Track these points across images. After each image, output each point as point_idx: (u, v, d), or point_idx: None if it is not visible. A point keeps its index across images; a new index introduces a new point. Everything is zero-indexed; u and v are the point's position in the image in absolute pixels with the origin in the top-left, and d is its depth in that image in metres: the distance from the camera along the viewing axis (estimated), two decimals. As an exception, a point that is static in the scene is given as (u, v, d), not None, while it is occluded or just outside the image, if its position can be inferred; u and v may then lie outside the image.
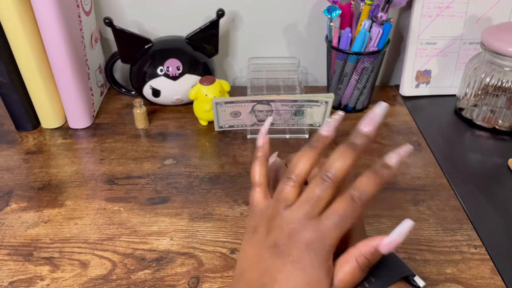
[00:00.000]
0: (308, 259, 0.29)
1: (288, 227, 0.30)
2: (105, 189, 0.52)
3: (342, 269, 0.29)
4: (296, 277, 0.29)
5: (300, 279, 0.29)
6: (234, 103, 0.56)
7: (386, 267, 0.31)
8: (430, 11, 0.64)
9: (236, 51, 0.72)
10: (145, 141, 0.60)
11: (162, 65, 0.62)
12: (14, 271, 0.42)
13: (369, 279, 0.30)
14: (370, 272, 0.31)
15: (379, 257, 0.29)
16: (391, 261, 0.32)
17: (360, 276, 0.29)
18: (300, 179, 0.31)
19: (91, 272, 0.42)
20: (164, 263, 0.42)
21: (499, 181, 0.53)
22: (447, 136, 0.61)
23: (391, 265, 0.32)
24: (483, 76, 0.59)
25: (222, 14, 0.62)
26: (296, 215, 0.30)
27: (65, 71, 0.57)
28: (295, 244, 0.29)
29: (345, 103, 0.65)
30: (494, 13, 0.64)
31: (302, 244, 0.29)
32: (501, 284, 0.40)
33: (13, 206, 0.49)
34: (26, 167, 0.55)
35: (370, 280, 0.30)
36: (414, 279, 0.32)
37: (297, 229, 0.30)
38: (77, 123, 0.62)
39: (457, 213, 0.48)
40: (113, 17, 0.59)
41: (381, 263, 0.31)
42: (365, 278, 0.30)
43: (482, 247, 0.44)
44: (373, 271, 0.31)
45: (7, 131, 0.62)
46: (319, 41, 0.68)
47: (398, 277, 0.31)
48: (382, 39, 0.58)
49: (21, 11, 0.52)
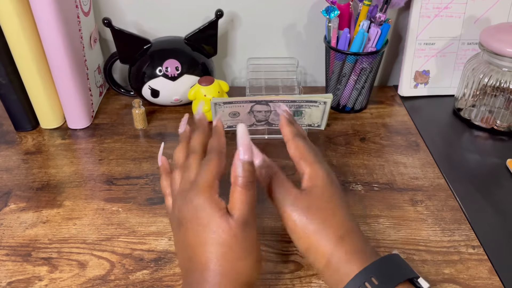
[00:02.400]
0: (196, 210, 0.32)
1: (178, 199, 0.35)
2: (104, 189, 0.52)
3: (233, 200, 0.33)
4: (194, 229, 0.32)
5: (198, 227, 0.32)
6: (232, 103, 0.56)
7: (390, 269, 0.31)
8: (428, 11, 0.64)
9: (235, 51, 0.73)
10: (144, 141, 0.60)
11: (161, 66, 0.62)
12: (13, 272, 0.42)
13: (371, 282, 0.30)
14: (373, 273, 0.31)
15: (252, 167, 0.33)
16: (395, 263, 0.32)
17: (250, 195, 0.33)
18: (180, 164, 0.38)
19: (89, 273, 0.42)
20: (162, 263, 0.42)
21: (497, 181, 0.53)
22: (445, 137, 0.61)
23: (395, 267, 0.32)
24: (482, 77, 0.59)
25: (221, 14, 0.62)
26: (181, 189, 0.35)
27: (64, 71, 0.57)
28: (184, 207, 0.33)
29: (344, 104, 0.65)
30: (492, 13, 0.64)
31: (188, 203, 0.33)
32: (499, 284, 0.40)
33: (11, 207, 0.49)
34: (25, 168, 0.55)
35: (373, 282, 0.30)
36: (418, 281, 0.32)
37: (182, 195, 0.34)
38: (76, 123, 0.62)
39: (455, 214, 0.48)
40: (112, 18, 0.59)
41: (385, 265, 0.32)
42: (368, 280, 0.30)
43: (480, 247, 0.44)
44: (377, 273, 0.31)
45: (6, 132, 0.62)
46: (318, 41, 0.69)
47: (402, 279, 0.31)
48: (381, 39, 0.59)
49: (20, 12, 0.52)
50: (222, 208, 0.32)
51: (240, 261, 0.32)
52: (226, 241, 0.31)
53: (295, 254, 0.43)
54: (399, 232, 0.46)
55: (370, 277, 0.30)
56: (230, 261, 0.31)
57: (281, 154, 0.57)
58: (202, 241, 0.32)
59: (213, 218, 0.32)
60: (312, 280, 0.41)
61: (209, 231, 0.31)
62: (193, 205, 0.33)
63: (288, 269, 0.42)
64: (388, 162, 0.56)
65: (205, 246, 0.31)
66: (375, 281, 0.30)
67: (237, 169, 0.33)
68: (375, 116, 0.65)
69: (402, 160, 0.56)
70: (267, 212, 0.48)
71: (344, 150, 0.57)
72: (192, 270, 0.32)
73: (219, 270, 0.31)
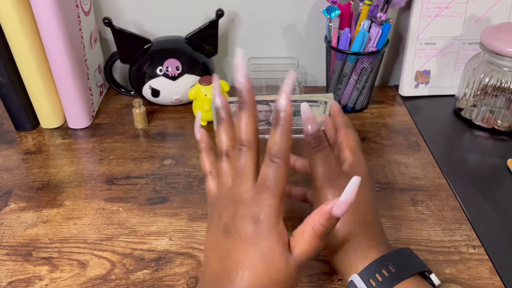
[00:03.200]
0: (255, 232, 0.29)
1: (231, 207, 0.31)
2: (104, 189, 0.52)
3: (300, 239, 0.30)
4: (249, 252, 0.29)
5: (253, 253, 0.29)
6: (233, 103, 0.56)
7: (406, 260, 0.33)
8: (429, 11, 0.64)
9: (235, 51, 0.72)
10: (144, 141, 0.60)
11: (161, 65, 0.62)
12: (13, 271, 0.42)
13: (388, 268, 0.32)
14: (391, 261, 0.32)
15: (336, 222, 0.29)
16: (410, 255, 0.34)
17: (319, 244, 0.30)
18: (227, 152, 0.34)
19: (90, 272, 0.42)
20: (163, 263, 0.42)
21: (498, 181, 0.53)
22: (446, 136, 0.61)
23: (411, 258, 0.33)
24: (482, 77, 0.59)
25: (222, 14, 0.62)
26: (234, 193, 0.31)
27: (64, 71, 0.57)
28: (240, 221, 0.30)
29: (344, 103, 0.65)
30: (493, 13, 0.64)
31: (246, 219, 0.30)
32: (500, 284, 0.40)
33: (12, 206, 0.49)
34: (25, 167, 0.55)
35: (390, 269, 0.32)
36: (430, 277, 0.33)
37: (238, 207, 0.31)
38: (76, 123, 0.62)
39: (456, 213, 0.48)
40: (112, 17, 0.59)
41: (402, 255, 0.33)
42: (385, 266, 0.32)
43: (481, 247, 0.44)
44: (394, 262, 0.32)
45: (6, 131, 0.62)
46: (319, 41, 0.68)
47: (417, 271, 0.32)
48: (381, 39, 0.58)
49: (20, 11, 0.52)
50: (285, 243, 0.29)
51: None
52: (275, 278, 0.29)
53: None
54: (400, 232, 0.46)
55: (387, 264, 0.32)
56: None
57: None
58: (250, 265, 0.29)
59: (272, 252, 0.29)
60: (312, 280, 0.41)
61: (263, 262, 0.29)
62: (253, 225, 0.29)
63: (289, 269, 0.42)
64: (388, 162, 0.56)
65: (251, 271, 0.29)
66: (392, 268, 0.32)
67: (319, 218, 0.29)
68: (375, 116, 0.65)
69: (402, 160, 0.56)
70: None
71: (345, 150, 0.57)
72: (223, 281, 0.30)
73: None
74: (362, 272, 0.32)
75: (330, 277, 0.41)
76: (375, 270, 0.32)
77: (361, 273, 0.32)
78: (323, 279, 0.41)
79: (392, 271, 0.31)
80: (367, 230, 0.35)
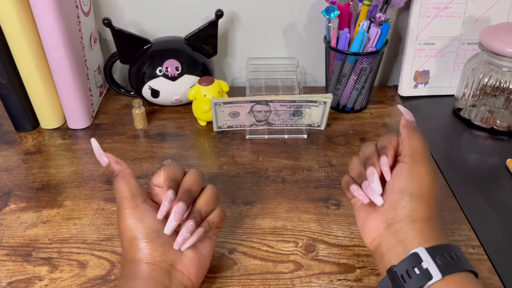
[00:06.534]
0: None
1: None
2: (104, 189, 0.52)
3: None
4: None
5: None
6: (232, 103, 0.56)
7: (463, 255, 0.34)
8: (428, 11, 0.64)
9: (235, 51, 0.73)
10: (144, 141, 0.60)
11: (161, 66, 0.62)
12: (13, 272, 0.42)
13: (451, 256, 0.33)
14: (456, 250, 0.34)
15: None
16: (461, 254, 0.34)
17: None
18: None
19: (89, 273, 0.42)
20: (162, 263, 0.42)
21: (497, 181, 0.53)
22: (445, 136, 0.61)
23: (462, 256, 0.34)
24: (481, 77, 0.59)
25: (221, 14, 0.62)
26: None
27: (64, 71, 0.57)
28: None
29: (344, 104, 0.65)
30: (492, 13, 0.64)
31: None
32: (499, 284, 0.40)
33: (12, 207, 0.49)
34: (25, 168, 0.55)
35: (452, 257, 0.33)
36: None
37: None
38: (76, 123, 0.62)
39: (455, 213, 0.48)
40: (112, 18, 0.59)
41: (460, 251, 0.34)
42: (451, 252, 0.33)
43: (480, 247, 0.44)
44: (458, 252, 0.34)
45: (6, 132, 0.62)
46: (318, 41, 0.69)
47: (473, 268, 0.33)
48: (381, 39, 0.59)
49: (20, 12, 0.52)
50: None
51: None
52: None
53: (295, 254, 0.43)
54: (399, 232, 0.46)
55: (454, 252, 0.33)
56: None
57: (281, 154, 0.57)
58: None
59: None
60: (312, 280, 0.41)
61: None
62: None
63: (288, 269, 0.42)
64: (388, 162, 0.56)
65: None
66: (454, 257, 0.33)
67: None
68: (375, 116, 0.65)
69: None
70: (267, 212, 0.48)
71: (344, 150, 0.57)
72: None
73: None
74: (430, 249, 0.33)
75: (330, 277, 0.41)
76: (442, 251, 0.33)
77: (429, 249, 0.33)
78: (323, 279, 0.41)
79: (453, 259, 0.33)
80: (438, 217, 0.37)
